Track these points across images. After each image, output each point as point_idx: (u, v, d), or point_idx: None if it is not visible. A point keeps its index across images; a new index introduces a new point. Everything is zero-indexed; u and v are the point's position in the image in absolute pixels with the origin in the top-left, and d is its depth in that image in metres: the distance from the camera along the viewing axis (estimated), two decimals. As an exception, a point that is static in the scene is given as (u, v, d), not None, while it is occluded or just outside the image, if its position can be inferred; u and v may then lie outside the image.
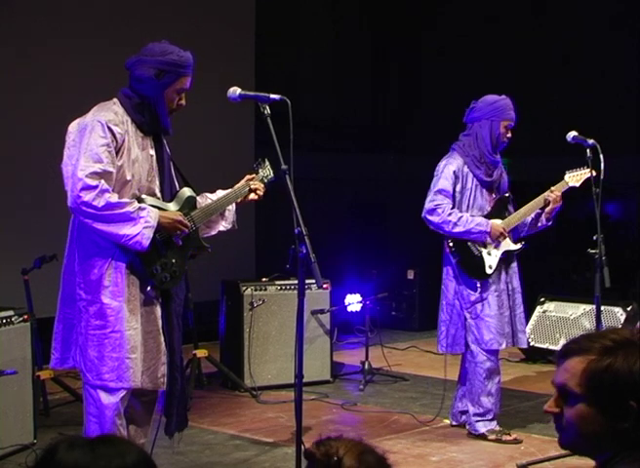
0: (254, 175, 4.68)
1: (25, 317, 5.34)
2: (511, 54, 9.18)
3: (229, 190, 4.58)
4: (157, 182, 4.33)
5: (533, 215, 5.75)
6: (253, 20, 9.31)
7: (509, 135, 5.63)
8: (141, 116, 4.23)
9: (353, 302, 8.41)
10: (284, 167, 3.93)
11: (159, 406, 4.41)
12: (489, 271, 5.60)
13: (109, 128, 4.11)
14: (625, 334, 2.11)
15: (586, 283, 5.57)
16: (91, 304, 4.15)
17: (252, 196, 4.64)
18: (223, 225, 4.63)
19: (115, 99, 4.26)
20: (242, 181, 4.64)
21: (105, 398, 4.15)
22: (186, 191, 4.44)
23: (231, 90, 4.13)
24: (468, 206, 5.65)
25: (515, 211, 5.76)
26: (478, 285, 5.61)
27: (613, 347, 2.07)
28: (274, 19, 9.68)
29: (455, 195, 5.63)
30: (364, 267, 9.22)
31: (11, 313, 5.26)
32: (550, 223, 5.76)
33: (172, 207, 4.35)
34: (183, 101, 4.31)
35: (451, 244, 5.61)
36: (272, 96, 4.05)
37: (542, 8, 9.26)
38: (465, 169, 5.63)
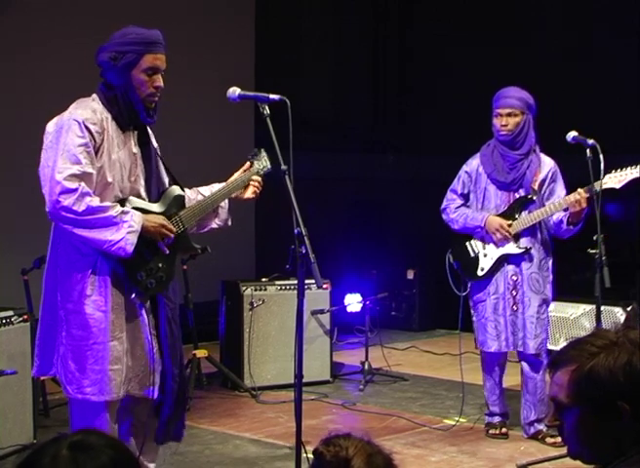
0: (248, 167, 4.41)
1: (25, 317, 5.34)
2: (511, 53, 9.18)
3: (223, 184, 4.35)
4: (142, 182, 4.09)
5: (559, 217, 5.43)
6: (253, 20, 9.31)
7: (503, 123, 5.40)
8: (116, 108, 4.00)
9: (353, 302, 8.41)
10: (284, 167, 3.82)
11: (152, 411, 4.20)
12: (480, 273, 5.57)
13: (87, 127, 3.89)
14: (610, 337, 2.10)
15: (586, 283, 5.54)
16: (72, 314, 3.95)
17: (249, 194, 4.39)
18: (216, 223, 4.40)
19: (94, 95, 4.07)
20: (236, 174, 4.41)
21: (91, 410, 4.00)
22: (174, 190, 4.21)
23: (231, 90, 4.04)
24: (482, 206, 5.59)
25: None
26: (469, 285, 5.63)
27: (595, 352, 2.07)
28: (274, 20, 9.68)
29: (469, 195, 5.63)
30: (364, 267, 9.22)
31: (11, 313, 5.26)
32: (576, 228, 5.41)
33: (156, 207, 4.10)
34: (160, 83, 4.01)
35: (450, 250, 5.68)
36: (272, 96, 3.98)
37: (543, 7, 9.26)
38: (480, 168, 5.57)
